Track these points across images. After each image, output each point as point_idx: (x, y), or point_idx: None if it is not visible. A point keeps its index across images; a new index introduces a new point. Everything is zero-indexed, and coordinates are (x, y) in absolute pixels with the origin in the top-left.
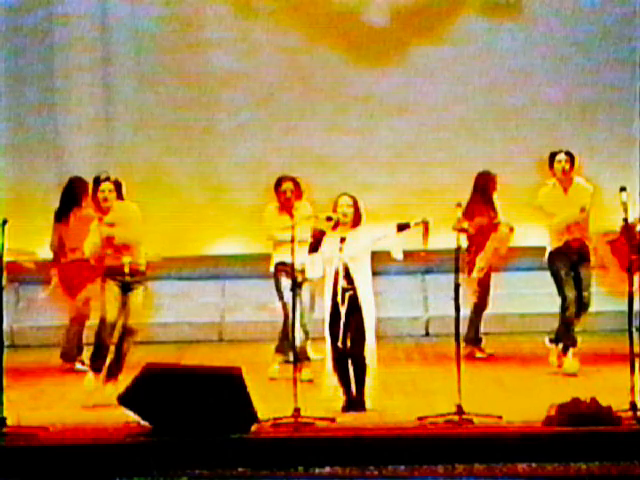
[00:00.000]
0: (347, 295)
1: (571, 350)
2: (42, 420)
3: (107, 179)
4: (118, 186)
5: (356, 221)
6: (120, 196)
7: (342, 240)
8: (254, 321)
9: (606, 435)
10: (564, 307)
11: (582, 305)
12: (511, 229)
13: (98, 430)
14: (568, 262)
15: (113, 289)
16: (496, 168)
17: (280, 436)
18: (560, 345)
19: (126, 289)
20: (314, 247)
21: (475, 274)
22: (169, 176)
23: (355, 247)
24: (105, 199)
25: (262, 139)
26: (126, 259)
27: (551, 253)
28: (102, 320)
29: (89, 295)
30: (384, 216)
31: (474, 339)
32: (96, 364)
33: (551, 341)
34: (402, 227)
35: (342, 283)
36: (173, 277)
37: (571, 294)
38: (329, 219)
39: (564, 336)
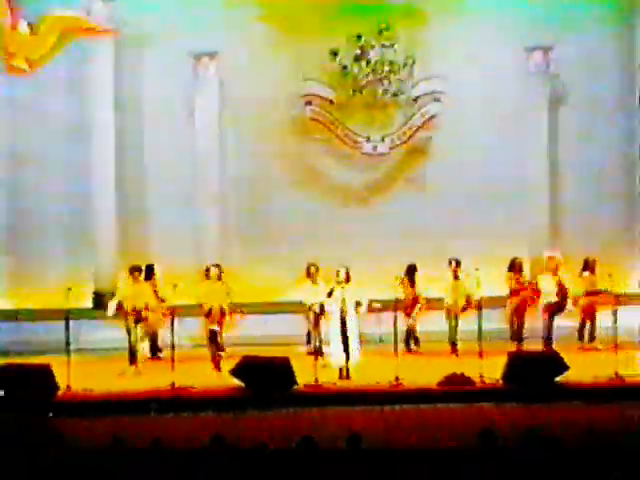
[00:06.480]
0: (345, 315)
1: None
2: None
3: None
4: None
5: (348, 280)
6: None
7: (342, 290)
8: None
9: (466, 391)
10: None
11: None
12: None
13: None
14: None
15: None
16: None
17: (307, 391)
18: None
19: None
20: (329, 295)
21: (411, 320)
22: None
23: (349, 295)
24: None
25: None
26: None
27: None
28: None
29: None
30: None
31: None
32: (215, 360)
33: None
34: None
35: (344, 309)
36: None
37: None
38: (338, 283)
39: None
